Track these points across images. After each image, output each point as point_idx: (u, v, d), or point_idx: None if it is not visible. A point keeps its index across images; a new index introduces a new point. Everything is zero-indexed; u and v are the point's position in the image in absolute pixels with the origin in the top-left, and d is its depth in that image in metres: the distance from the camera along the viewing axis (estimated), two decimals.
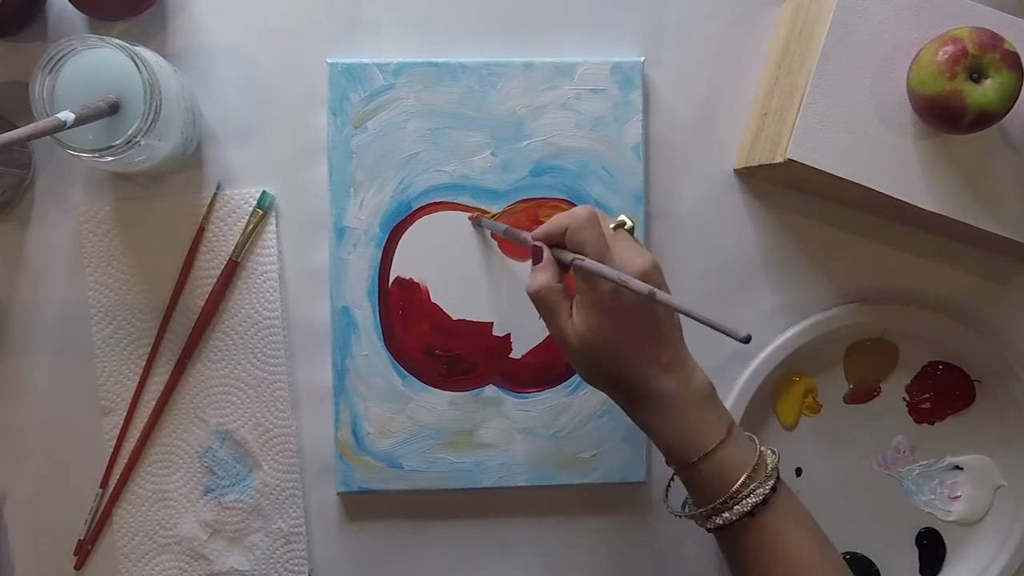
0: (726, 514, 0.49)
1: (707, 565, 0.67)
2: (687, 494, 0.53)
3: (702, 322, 0.43)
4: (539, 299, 0.51)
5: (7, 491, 0.63)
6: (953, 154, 0.57)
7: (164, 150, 0.57)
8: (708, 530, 0.51)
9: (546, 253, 0.51)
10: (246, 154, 0.63)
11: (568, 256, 0.50)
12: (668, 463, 0.52)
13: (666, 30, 0.65)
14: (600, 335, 0.49)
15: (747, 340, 0.42)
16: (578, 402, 0.64)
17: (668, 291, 0.50)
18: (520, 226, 0.63)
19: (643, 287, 0.45)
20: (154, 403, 0.63)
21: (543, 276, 0.51)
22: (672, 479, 0.54)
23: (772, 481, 0.49)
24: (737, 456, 0.50)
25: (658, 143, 0.65)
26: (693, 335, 0.65)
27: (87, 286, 0.63)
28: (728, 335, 0.42)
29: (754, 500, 0.49)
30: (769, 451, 0.51)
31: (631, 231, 0.52)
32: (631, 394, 0.51)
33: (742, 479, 0.49)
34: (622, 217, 0.52)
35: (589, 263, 0.48)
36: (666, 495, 0.55)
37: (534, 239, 0.52)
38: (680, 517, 0.53)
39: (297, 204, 0.64)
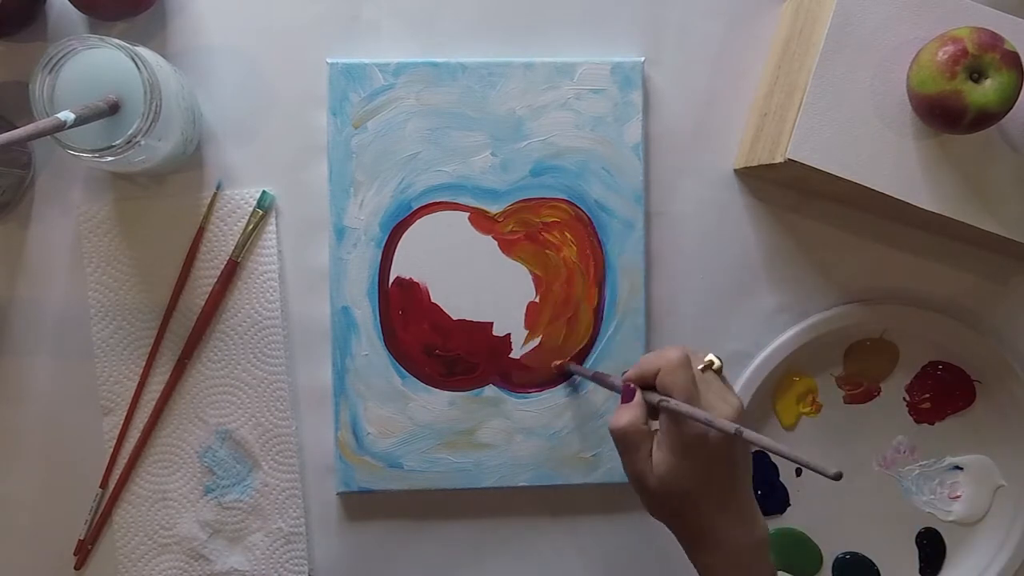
0: None
1: None
2: None
3: (792, 460, 0.44)
4: (622, 437, 0.51)
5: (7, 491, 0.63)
6: (953, 154, 0.57)
7: (164, 150, 0.57)
8: None
9: (638, 394, 0.52)
10: (246, 154, 0.63)
11: (655, 398, 0.51)
12: None
13: (666, 30, 0.65)
14: (680, 478, 0.50)
15: (838, 477, 0.43)
16: (578, 402, 0.64)
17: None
18: (522, 228, 0.63)
19: (729, 426, 0.47)
20: (154, 403, 0.63)
21: (630, 415, 0.51)
22: None
23: None
24: None
25: (658, 143, 0.65)
26: (696, 328, 0.66)
27: (87, 286, 0.63)
28: (819, 472, 0.43)
29: None
30: None
31: (719, 371, 0.53)
32: (696, 537, 0.52)
33: None
34: (710, 357, 0.53)
35: (676, 404, 0.49)
36: None
37: (627, 379, 0.53)
38: None
39: (297, 204, 0.64)
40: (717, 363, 0.53)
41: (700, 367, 0.52)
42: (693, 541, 0.52)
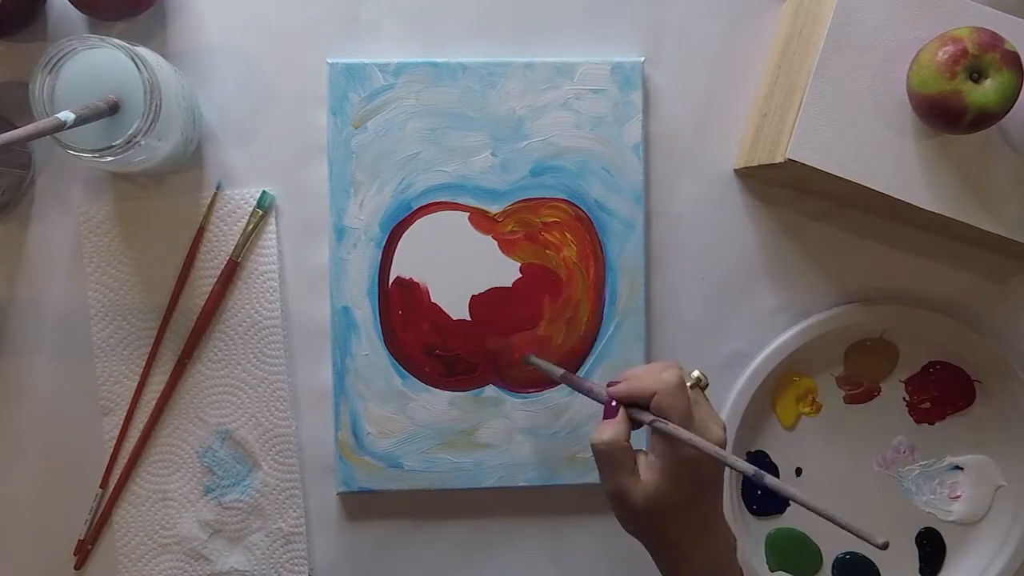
0: None
1: None
2: None
3: (835, 523, 0.44)
4: (603, 453, 0.51)
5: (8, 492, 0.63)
6: (953, 154, 0.57)
7: (164, 150, 0.57)
8: None
9: (621, 411, 0.52)
10: (246, 154, 0.63)
11: (647, 417, 0.50)
12: None
13: (666, 30, 0.65)
14: (668, 498, 0.50)
15: (884, 547, 0.43)
16: (578, 402, 0.64)
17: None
18: (522, 228, 0.63)
19: (748, 468, 0.46)
20: (154, 403, 0.63)
21: (613, 431, 0.51)
22: None
23: None
24: None
25: (658, 143, 0.65)
26: (696, 328, 0.66)
27: (87, 286, 0.63)
28: (865, 540, 0.43)
29: None
30: None
31: (704, 388, 0.53)
32: (672, 552, 0.52)
33: None
34: (697, 373, 0.52)
35: (677, 430, 0.49)
36: None
37: (613, 395, 0.52)
38: None
39: (297, 204, 0.64)
40: (705, 381, 0.52)
41: (688, 384, 0.52)
42: (669, 556, 0.52)
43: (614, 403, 0.52)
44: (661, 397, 0.50)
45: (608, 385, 0.53)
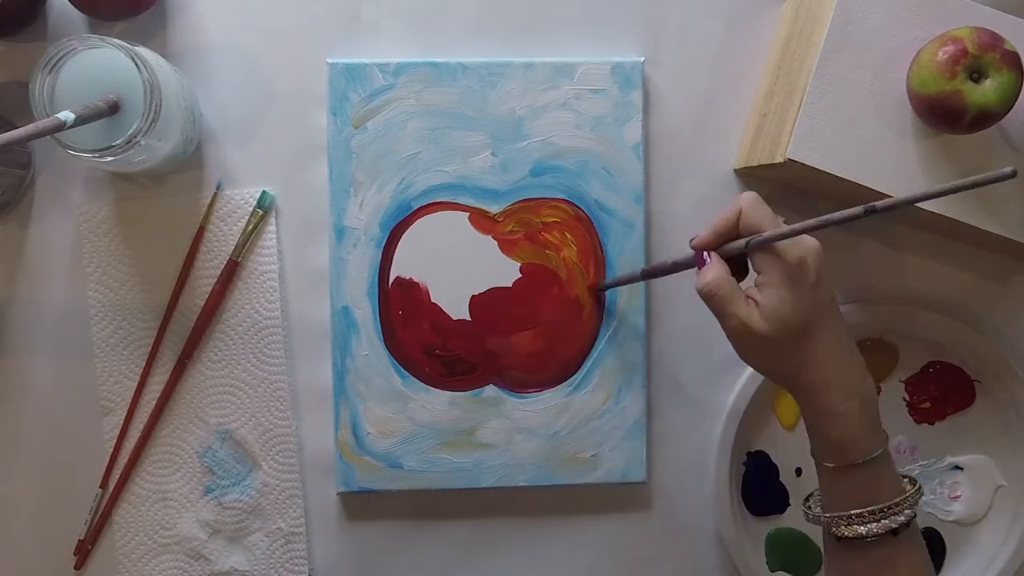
0: (873, 525, 0.48)
1: (707, 565, 0.67)
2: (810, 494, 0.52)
3: (965, 187, 0.41)
4: (711, 294, 0.49)
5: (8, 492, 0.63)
6: (953, 154, 0.57)
7: (164, 150, 0.57)
8: (838, 538, 0.49)
9: (713, 254, 0.51)
10: (246, 154, 0.63)
11: (741, 242, 0.49)
12: (822, 458, 0.50)
13: (666, 30, 0.65)
14: (791, 310, 0.48)
15: (1013, 175, 0.40)
16: (578, 402, 0.64)
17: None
18: (522, 228, 0.63)
19: (857, 209, 0.44)
20: (154, 403, 0.63)
21: (712, 272, 0.50)
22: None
23: (917, 506, 0.49)
24: (894, 468, 0.50)
25: (658, 143, 0.65)
26: (696, 328, 0.66)
27: (87, 286, 0.63)
28: (994, 180, 0.40)
29: (902, 519, 0.48)
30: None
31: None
32: (813, 377, 0.49)
33: (908, 492, 0.49)
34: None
35: (775, 231, 0.48)
36: (808, 501, 0.53)
37: (698, 245, 0.51)
38: (813, 520, 0.51)
39: (297, 204, 0.64)
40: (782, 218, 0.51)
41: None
42: (808, 384, 0.49)
43: (702, 254, 0.51)
44: (747, 214, 0.49)
45: (690, 242, 0.52)
